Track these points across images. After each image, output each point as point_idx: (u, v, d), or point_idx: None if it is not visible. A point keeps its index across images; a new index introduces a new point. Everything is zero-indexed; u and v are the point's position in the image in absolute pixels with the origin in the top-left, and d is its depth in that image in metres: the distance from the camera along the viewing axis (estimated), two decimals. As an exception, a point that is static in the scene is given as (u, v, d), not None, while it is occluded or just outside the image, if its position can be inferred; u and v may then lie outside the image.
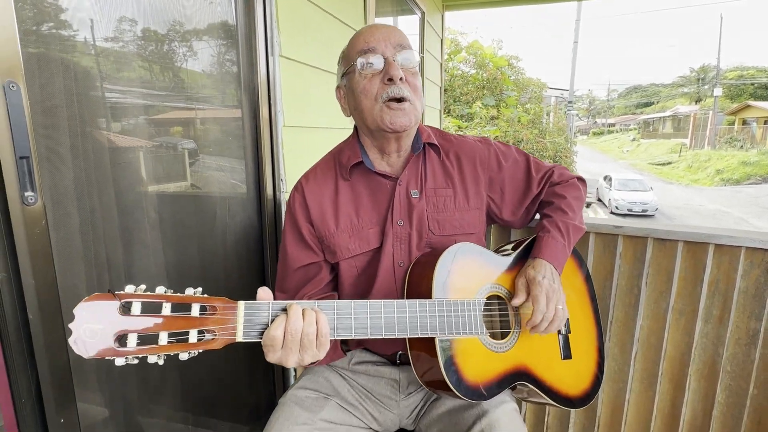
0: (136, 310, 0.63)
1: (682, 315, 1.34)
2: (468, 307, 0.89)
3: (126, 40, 1.09)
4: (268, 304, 0.72)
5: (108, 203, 1.04)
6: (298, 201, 1.02)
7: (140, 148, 1.15)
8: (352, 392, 1.03)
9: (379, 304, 0.80)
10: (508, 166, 1.08)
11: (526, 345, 0.96)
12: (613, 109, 62.32)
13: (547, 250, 0.97)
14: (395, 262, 0.99)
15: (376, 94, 0.92)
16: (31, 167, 0.79)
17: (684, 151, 25.78)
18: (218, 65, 1.43)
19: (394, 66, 0.90)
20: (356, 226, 0.99)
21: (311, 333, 0.72)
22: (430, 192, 1.01)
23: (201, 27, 1.33)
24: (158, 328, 0.64)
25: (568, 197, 1.06)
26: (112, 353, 0.62)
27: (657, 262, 1.33)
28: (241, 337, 0.70)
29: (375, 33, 0.92)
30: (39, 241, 0.82)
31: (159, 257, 1.21)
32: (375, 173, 1.00)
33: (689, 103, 40.10)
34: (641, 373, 1.41)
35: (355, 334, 0.78)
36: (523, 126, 10.22)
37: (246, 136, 1.52)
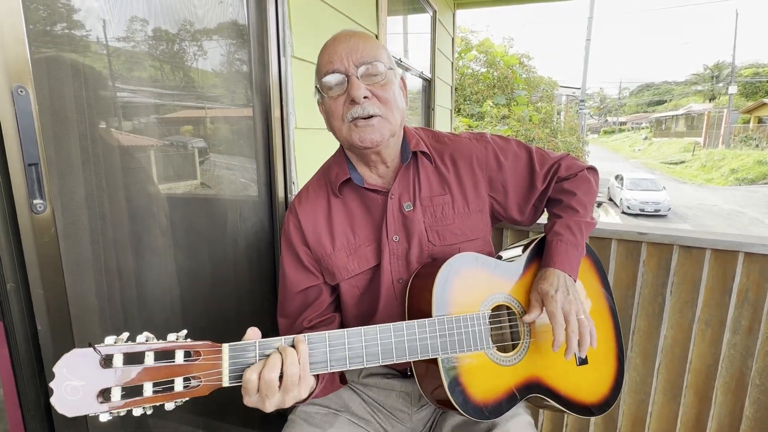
0: (118, 362, 0.61)
1: (709, 326, 1.28)
2: (472, 322, 0.85)
3: (137, 41, 1.07)
4: (255, 343, 0.69)
5: (118, 209, 1.02)
6: (292, 223, 0.99)
7: (150, 150, 1.13)
8: (363, 406, 1.00)
9: (374, 330, 0.76)
10: (508, 163, 1.02)
11: (537, 355, 0.92)
12: (624, 108, 61.56)
13: (559, 257, 0.92)
14: (394, 279, 0.95)
15: (342, 114, 0.88)
16: (40, 174, 0.77)
17: (697, 150, 25.38)
18: (229, 66, 1.41)
19: (356, 85, 0.85)
20: (353, 244, 0.96)
21: (294, 374, 0.68)
22: (426, 201, 0.96)
23: (212, 27, 1.31)
24: (142, 378, 0.62)
25: (578, 193, 1.00)
26: (96, 409, 0.60)
27: (683, 271, 1.27)
28: (228, 382, 0.67)
29: (337, 49, 0.87)
30: (48, 250, 0.80)
31: (170, 263, 1.18)
32: (365, 189, 0.96)
33: (703, 101, 39.44)
34: (665, 384, 1.36)
35: (350, 364, 0.74)
36: (534, 125, 10.10)
37: (257, 138, 1.49)
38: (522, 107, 10.03)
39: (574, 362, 0.98)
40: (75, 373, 0.59)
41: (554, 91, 13.10)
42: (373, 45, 0.88)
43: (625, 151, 35.85)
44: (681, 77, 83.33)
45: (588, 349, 0.87)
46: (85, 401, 0.59)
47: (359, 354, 0.74)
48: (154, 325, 1.14)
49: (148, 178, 1.13)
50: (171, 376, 0.63)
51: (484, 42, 10.20)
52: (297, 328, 0.99)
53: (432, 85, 3.94)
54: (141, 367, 0.62)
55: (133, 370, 0.61)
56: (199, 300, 1.31)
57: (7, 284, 0.76)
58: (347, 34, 0.89)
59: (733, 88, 27.55)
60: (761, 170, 18.49)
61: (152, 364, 0.63)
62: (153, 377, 0.62)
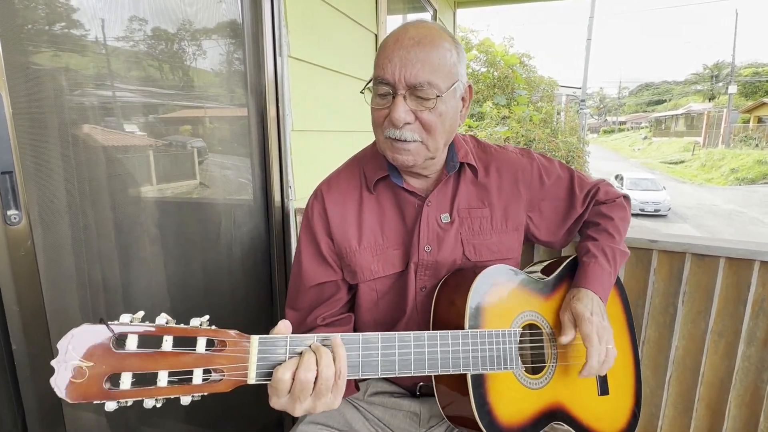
0: (132, 345, 0.54)
1: (722, 337, 1.23)
2: (504, 339, 0.79)
3: (121, 40, 1.01)
4: (286, 338, 0.62)
5: (103, 217, 0.96)
6: (317, 211, 0.91)
7: (139, 154, 1.07)
8: (367, 426, 0.95)
9: (408, 336, 0.70)
10: (550, 184, 0.98)
11: (562, 380, 0.87)
12: (624, 107, 61.57)
13: (594, 279, 0.88)
14: (418, 288, 0.90)
15: (382, 125, 0.81)
16: (14, 183, 0.72)
17: (697, 150, 25.35)
18: (223, 67, 1.36)
19: (398, 108, 0.77)
20: (381, 245, 0.89)
21: (329, 377, 0.62)
22: (464, 213, 0.91)
23: (205, 26, 1.25)
24: (157, 365, 0.55)
25: (615, 218, 0.96)
26: (102, 396, 0.53)
27: (695, 280, 1.22)
28: (254, 379, 0.60)
29: (394, 56, 0.77)
30: (24, 264, 0.75)
31: (161, 273, 1.13)
32: (402, 188, 0.90)
33: (703, 101, 39.43)
34: (675, 397, 1.31)
35: (381, 372, 0.68)
36: (534, 125, 10.03)
37: (253, 142, 1.44)
38: (522, 107, 9.97)
39: (596, 391, 0.93)
40: (82, 351, 0.52)
41: (554, 91, 13.05)
42: (434, 60, 0.77)
43: (624, 150, 35.83)
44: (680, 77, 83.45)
45: (610, 380, 0.84)
46: (91, 386, 0.52)
47: (392, 361, 0.68)
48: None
49: (135, 184, 1.07)
50: (190, 366, 0.56)
51: (484, 41, 10.14)
52: (308, 325, 0.92)
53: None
54: (157, 352, 0.55)
55: (148, 355, 0.54)
56: (192, 309, 1.26)
57: (-21, 302, 0.71)
58: (411, 40, 0.77)
59: (732, 87, 27.52)
60: (761, 170, 18.46)
61: (170, 350, 0.55)
62: (170, 365, 0.55)
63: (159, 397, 0.55)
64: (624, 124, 53.25)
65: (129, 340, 0.54)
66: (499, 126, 9.70)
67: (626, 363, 0.99)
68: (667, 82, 61.01)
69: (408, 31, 0.79)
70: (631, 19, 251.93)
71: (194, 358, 0.56)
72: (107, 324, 0.53)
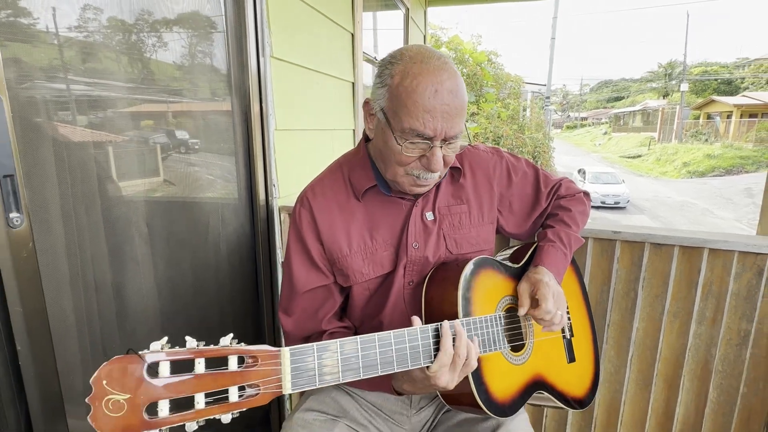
0: (165, 372, 0.54)
1: (677, 317, 1.37)
2: (491, 323, 0.87)
3: (111, 39, 1.02)
4: (313, 347, 0.65)
5: (96, 219, 0.97)
6: (305, 218, 0.94)
7: (124, 153, 1.08)
8: (361, 411, 1.00)
9: (415, 330, 0.75)
10: (517, 180, 1.07)
11: (539, 353, 0.97)
12: (585, 104, 63.76)
13: (549, 258, 0.97)
14: (406, 282, 0.96)
15: (409, 167, 0.85)
16: (15, 186, 0.73)
17: (653, 145, 26.65)
18: (207, 68, 1.37)
19: (438, 159, 0.81)
20: (370, 248, 0.94)
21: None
22: (444, 210, 0.98)
23: (186, 26, 1.26)
24: (193, 389, 0.55)
25: (573, 210, 1.06)
26: (144, 426, 0.53)
27: (653, 267, 1.35)
28: (290, 389, 0.62)
29: (435, 113, 0.78)
30: (26, 266, 0.76)
31: (150, 272, 1.14)
32: (390, 195, 0.95)
33: (658, 98, 41.41)
34: (637, 374, 1.43)
35: (397, 366, 0.73)
36: (502, 122, 10.31)
37: (237, 141, 1.45)
38: (491, 104, 10.21)
39: (565, 359, 1.03)
40: (117, 385, 0.51)
41: (521, 88, 13.41)
42: (464, 107, 0.83)
43: (586, 145, 37.18)
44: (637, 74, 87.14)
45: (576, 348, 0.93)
46: (131, 418, 0.52)
47: (405, 355, 0.73)
48: (137, 336, 1.10)
49: (125, 184, 1.08)
50: (225, 386, 0.57)
51: (453, 39, 10.28)
52: (309, 329, 0.97)
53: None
54: (191, 375, 0.55)
55: (182, 380, 0.54)
56: (180, 308, 1.27)
57: (-18, 304, 0.72)
58: (450, 93, 0.79)
59: (684, 85, 29.08)
60: (710, 163, 19.65)
61: (203, 372, 0.56)
62: (205, 387, 0.56)
63: (200, 420, 0.56)
64: (585, 119, 55.16)
65: (161, 367, 0.54)
66: (468, 122, 9.91)
67: (586, 333, 1.11)
68: (625, 80, 63.61)
69: (444, 83, 0.79)
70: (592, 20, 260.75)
71: (228, 377, 0.57)
72: (139, 354, 0.53)
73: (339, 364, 0.67)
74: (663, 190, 17.18)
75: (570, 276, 1.12)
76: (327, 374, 0.66)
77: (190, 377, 0.55)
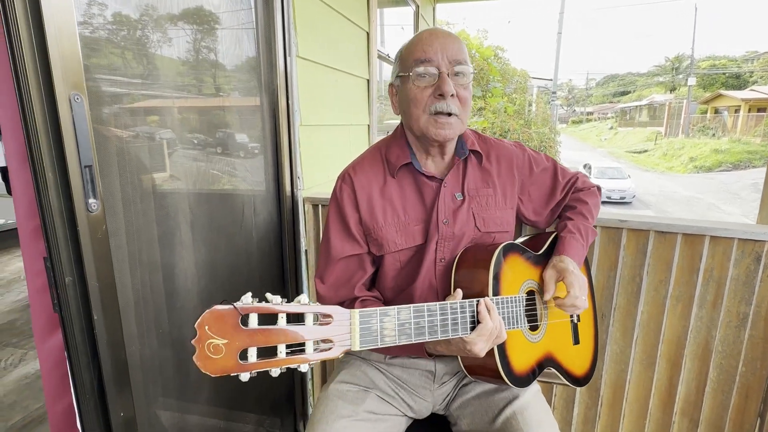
0: (254, 323, 0.60)
1: (679, 301, 1.45)
2: (515, 303, 0.97)
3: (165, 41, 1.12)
4: (376, 311, 0.74)
5: (150, 206, 1.07)
6: (346, 192, 1.04)
7: (173, 150, 1.18)
8: (388, 384, 1.09)
9: (456, 304, 0.84)
10: (538, 171, 1.16)
11: (551, 334, 1.06)
12: (591, 98, 63.32)
13: (571, 249, 1.06)
14: (437, 258, 1.04)
15: (426, 104, 0.95)
16: (93, 175, 0.83)
17: (659, 140, 26.49)
18: (242, 68, 1.46)
19: (447, 82, 0.92)
20: (402, 222, 1.03)
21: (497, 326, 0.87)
22: (473, 192, 1.07)
23: (224, 31, 1.36)
24: (276, 340, 0.61)
25: (589, 204, 1.16)
26: (238, 369, 0.59)
27: (658, 253, 1.43)
28: (358, 346, 0.69)
29: (434, 42, 0.93)
30: (101, 246, 0.86)
31: (195, 254, 1.25)
32: (422, 174, 1.04)
33: (664, 92, 41.06)
34: (641, 355, 1.52)
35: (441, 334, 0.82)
36: (509, 117, 10.36)
37: (266, 137, 1.55)
38: (497, 99, 10.27)
39: (571, 341, 1.12)
40: (217, 331, 0.58)
41: (527, 83, 13.42)
42: (463, 47, 0.96)
43: (592, 140, 37.02)
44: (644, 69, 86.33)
45: (580, 331, 1.05)
46: (228, 360, 0.58)
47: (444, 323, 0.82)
48: (184, 312, 1.21)
49: (172, 175, 1.18)
50: (304, 339, 0.64)
51: (460, 34, 10.32)
52: (342, 295, 1.06)
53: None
54: (276, 328, 0.61)
55: (267, 331, 0.61)
56: (218, 287, 1.38)
57: (65, 278, 0.82)
58: (443, 32, 0.96)
59: (692, 79, 28.84)
60: (717, 158, 19.55)
61: (285, 326, 0.62)
62: (286, 339, 0.62)
63: (282, 367, 0.62)
64: (591, 114, 54.84)
65: (251, 318, 0.60)
66: (475, 117, 9.96)
67: (589, 319, 1.22)
68: (632, 74, 63.07)
69: (436, 29, 0.97)
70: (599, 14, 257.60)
71: (307, 332, 0.64)
72: (234, 305, 0.59)
73: (396, 328, 0.75)
74: (669, 185, 17.13)
75: None
76: (387, 336, 0.74)
77: (275, 328, 0.62)
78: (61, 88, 0.76)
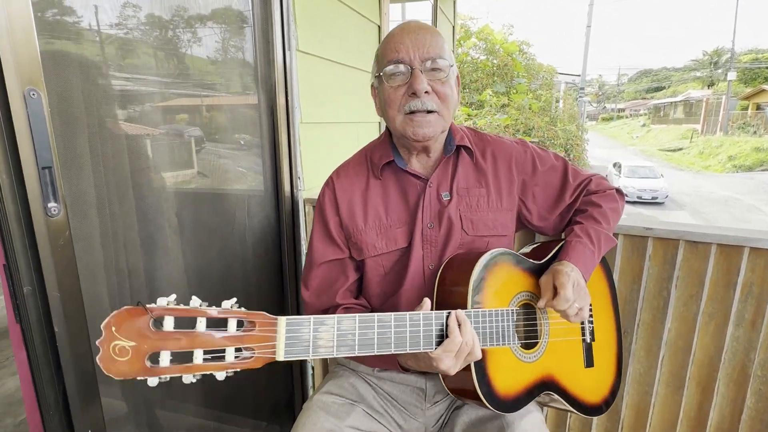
0: (169, 326, 0.59)
1: (713, 318, 1.30)
2: (502, 317, 0.86)
3: (142, 35, 1.05)
4: (309, 319, 0.69)
5: (128, 208, 1.01)
6: (327, 196, 1.02)
7: (157, 145, 1.12)
8: (377, 399, 1.01)
9: (418, 316, 0.76)
10: (543, 171, 1.05)
11: (553, 353, 0.95)
12: (622, 94, 61.32)
13: (575, 254, 0.94)
14: (425, 264, 0.97)
15: (400, 104, 0.90)
16: (53, 177, 0.77)
17: (695, 137, 25.36)
18: (234, 62, 1.39)
19: (419, 79, 0.87)
20: (384, 224, 0.98)
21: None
22: (463, 192, 0.99)
23: (216, 22, 1.29)
24: (193, 345, 0.59)
25: (603, 207, 1.03)
26: (145, 373, 0.57)
27: (688, 265, 1.29)
28: (283, 356, 0.66)
29: (404, 39, 0.88)
30: (63, 253, 0.80)
31: (179, 261, 1.19)
32: (406, 172, 0.98)
33: (702, 88, 39.28)
34: (668, 376, 1.38)
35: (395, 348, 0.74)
36: (534, 113, 10.04)
37: (263, 134, 1.48)
38: (522, 95, 9.97)
39: (582, 364, 1.00)
40: (125, 332, 0.56)
41: (553, 79, 13.01)
42: (438, 40, 0.90)
43: (623, 138, 35.81)
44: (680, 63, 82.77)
45: (595, 353, 0.92)
46: (134, 363, 0.56)
47: (404, 339, 0.75)
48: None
49: (156, 175, 1.12)
50: (223, 345, 0.61)
51: (483, 29, 10.07)
52: (325, 302, 1.01)
53: (433, 74, 3.91)
54: (192, 332, 0.59)
55: (183, 336, 0.59)
56: (208, 297, 1.32)
57: (24, 288, 0.77)
58: (416, 26, 0.90)
59: (732, 74, 27.41)
60: (758, 157, 18.53)
61: (204, 331, 0.60)
62: (204, 345, 0.60)
63: (196, 374, 0.60)
64: (623, 111, 53.10)
65: (166, 321, 0.58)
66: (498, 114, 9.70)
67: (609, 339, 1.08)
68: (666, 69, 60.68)
69: (409, 23, 0.91)
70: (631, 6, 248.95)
71: (226, 338, 0.61)
72: (146, 307, 0.57)
73: (335, 339, 0.69)
74: (705, 185, 16.34)
75: (598, 277, 1.08)
76: (321, 347, 0.68)
77: (191, 333, 0.59)
78: (13, 83, 0.71)
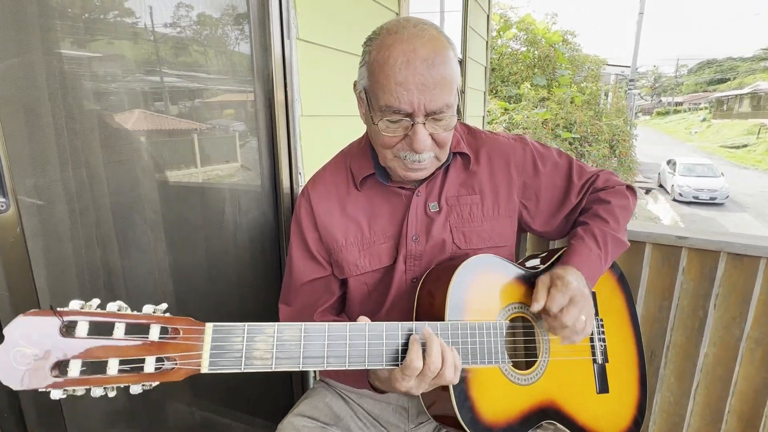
0: (82, 332, 0.53)
1: (760, 345, 1.11)
2: (488, 331, 0.75)
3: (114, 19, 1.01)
4: (244, 327, 0.61)
5: (99, 202, 0.97)
6: (304, 208, 0.92)
7: (127, 138, 1.08)
8: (355, 419, 0.93)
9: (380, 327, 0.67)
10: (545, 171, 0.92)
11: (555, 376, 0.81)
12: (681, 87, 57.37)
13: (578, 257, 0.82)
14: (407, 278, 0.87)
15: (395, 148, 0.77)
16: (0, 171, 0.73)
17: (763, 133, 23.26)
18: (228, 51, 1.33)
19: (420, 137, 0.73)
20: (367, 239, 0.88)
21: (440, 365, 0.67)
22: (453, 201, 0.88)
23: (208, 9, 1.23)
24: (107, 353, 0.53)
25: (612, 203, 0.89)
26: (48, 384, 0.51)
27: (730, 281, 1.10)
28: (207, 368, 0.59)
29: (408, 82, 0.70)
30: (13, 251, 0.76)
31: (163, 260, 1.14)
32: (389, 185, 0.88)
33: (772, 79, 35.95)
34: (703, 407, 1.20)
35: (349, 364, 0.66)
36: (576, 107, 9.47)
37: (260, 128, 1.42)
38: (564, 88, 9.43)
39: (594, 389, 0.86)
40: (29, 338, 0.51)
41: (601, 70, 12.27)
42: (447, 79, 0.72)
43: (680, 133, 33.51)
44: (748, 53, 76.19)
45: (610, 376, 0.79)
46: (35, 373, 0.51)
47: (362, 353, 0.66)
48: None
49: (133, 164, 1.08)
50: (142, 354, 0.55)
51: (524, 19, 9.61)
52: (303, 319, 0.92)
53: (463, 66, 3.74)
54: (108, 340, 0.54)
55: (98, 343, 0.53)
56: (197, 298, 1.27)
57: (-30, 287, 0.73)
58: (424, 62, 0.70)
59: (808, 63, 24.83)
60: (837, 155, 16.72)
61: (121, 338, 0.54)
62: (121, 353, 0.54)
63: (108, 386, 0.54)
64: (680, 105, 49.70)
65: (79, 327, 0.53)
66: (537, 108, 9.24)
67: (629, 361, 0.92)
68: (732, 59, 56.09)
69: (417, 50, 0.70)
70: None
71: (146, 346, 0.55)
72: (56, 311, 0.52)
73: (273, 349, 0.62)
74: (773, 185, 14.94)
75: (612, 290, 0.94)
76: (257, 358, 0.61)
77: (106, 341, 0.53)
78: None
